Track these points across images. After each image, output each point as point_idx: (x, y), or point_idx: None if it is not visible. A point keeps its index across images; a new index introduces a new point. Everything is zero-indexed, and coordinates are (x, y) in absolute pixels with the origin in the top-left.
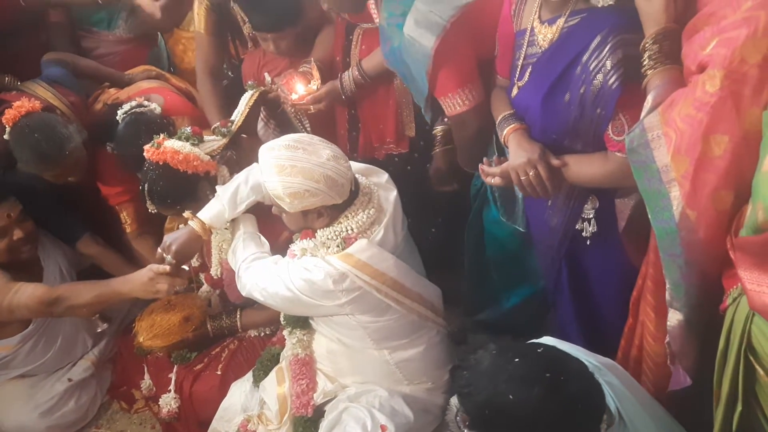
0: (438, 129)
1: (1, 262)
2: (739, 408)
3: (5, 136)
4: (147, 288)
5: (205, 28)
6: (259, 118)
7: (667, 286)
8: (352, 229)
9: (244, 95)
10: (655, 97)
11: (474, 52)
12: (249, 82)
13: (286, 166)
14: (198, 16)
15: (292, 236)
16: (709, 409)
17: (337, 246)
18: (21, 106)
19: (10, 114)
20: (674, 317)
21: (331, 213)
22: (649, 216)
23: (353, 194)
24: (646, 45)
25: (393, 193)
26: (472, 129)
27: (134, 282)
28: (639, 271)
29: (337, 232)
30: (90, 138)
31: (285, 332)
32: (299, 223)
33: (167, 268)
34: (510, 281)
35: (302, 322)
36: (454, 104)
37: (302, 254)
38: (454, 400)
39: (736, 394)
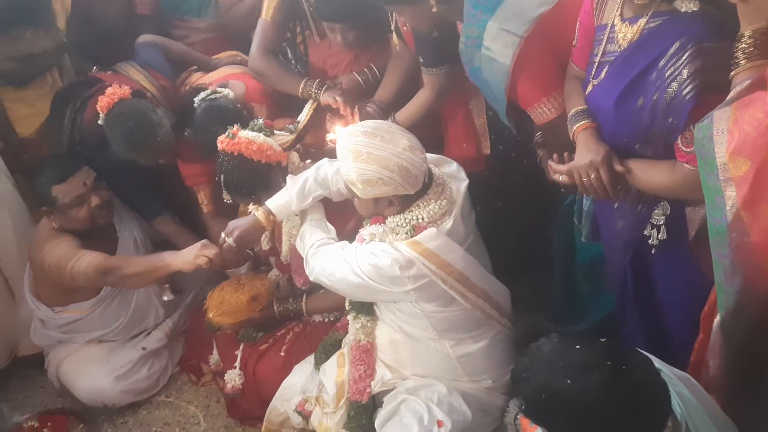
0: (538, 135)
1: (80, 230)
2: None
3: (99, 122)
4: (192, 261)
5: (271, 16)
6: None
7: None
8: (422, 218)
9: (308, 102)
10: (737, 92)
11: (554, 60)
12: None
13: (362, 152)
14: (267, 4)
15: (358, 225)
16: None
17: (406, 233)
18: (114, 93)
19: (104, 101)
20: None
21: (402, 202)
22: (707, 211)
23: (426, 185)
24: (742, 38)
25: (464, 184)
26: (565, 135)
27: (183, 254)
28: (711, 283)
29: (407, 220)
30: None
31: (349, 317)
32: (369, 209)
33: (215, 248)
34: (599, 286)
35: (367, 308)
36: (542, 113)
37: (371, 239)
38: (513, 403)
39: None
